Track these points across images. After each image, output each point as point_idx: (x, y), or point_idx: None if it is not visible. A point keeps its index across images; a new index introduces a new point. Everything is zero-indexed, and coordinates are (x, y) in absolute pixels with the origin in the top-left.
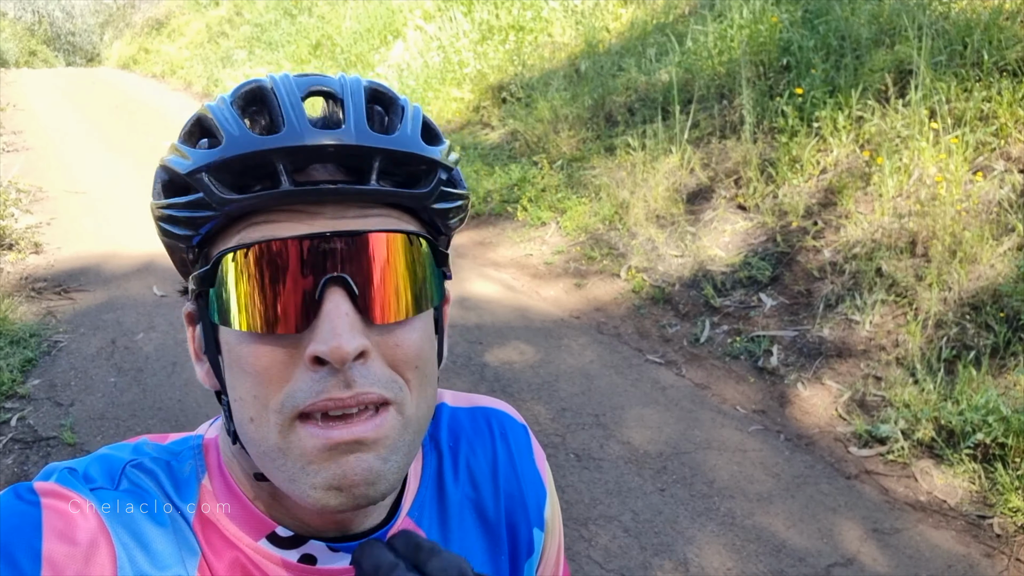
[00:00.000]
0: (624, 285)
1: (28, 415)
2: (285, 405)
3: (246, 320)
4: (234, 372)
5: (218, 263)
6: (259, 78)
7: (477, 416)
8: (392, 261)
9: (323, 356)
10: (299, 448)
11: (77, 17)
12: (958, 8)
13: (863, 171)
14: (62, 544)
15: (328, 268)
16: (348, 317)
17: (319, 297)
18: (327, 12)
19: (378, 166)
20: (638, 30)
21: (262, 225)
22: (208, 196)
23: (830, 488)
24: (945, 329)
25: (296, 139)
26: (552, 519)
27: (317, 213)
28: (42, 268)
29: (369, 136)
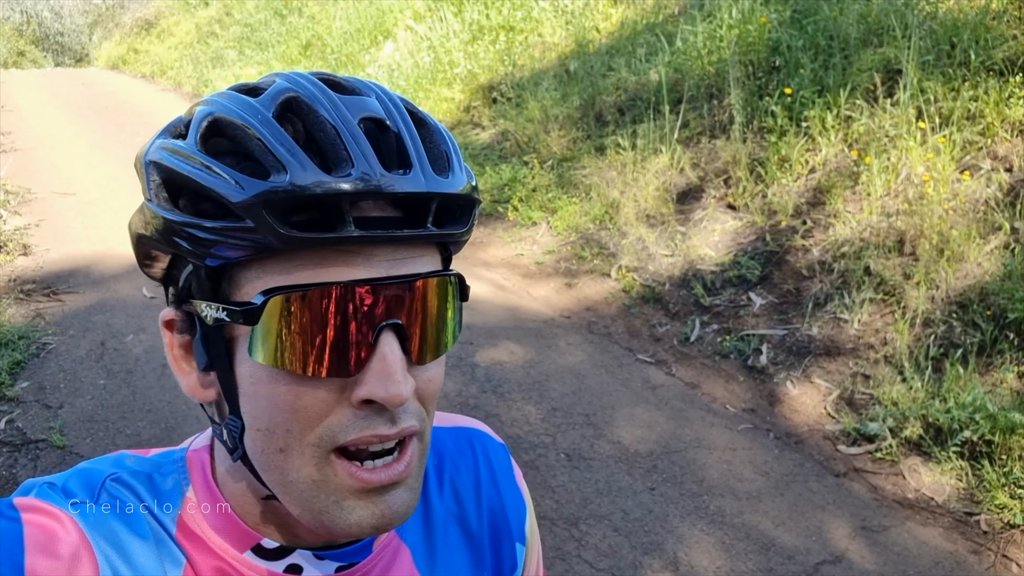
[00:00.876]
0: (614, 285)
1: (17, 418)
2: (323, 439)
3: (298, 363)
4: (262, 404)
5: (267, 300)
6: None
7: (459, 436)
8: (436, 305)
9: (380, 400)
10: (335, 484)
11: (66, 17)
12: (945, 8)
13: (851, 170)
14: (45, 558)
15: (385, 313)
16: (401, 362)
17: (374, 341)
18: (317, 12)
19: (435, 209)
20: (628, 30)
21: (315, 264)
22: (263, 230)
23: (819, 486)
24: (933, 327)
25: (372, 184)
26: (532, 534)
27: (371, 255)
28: (31, 270)
29: (433, 180)
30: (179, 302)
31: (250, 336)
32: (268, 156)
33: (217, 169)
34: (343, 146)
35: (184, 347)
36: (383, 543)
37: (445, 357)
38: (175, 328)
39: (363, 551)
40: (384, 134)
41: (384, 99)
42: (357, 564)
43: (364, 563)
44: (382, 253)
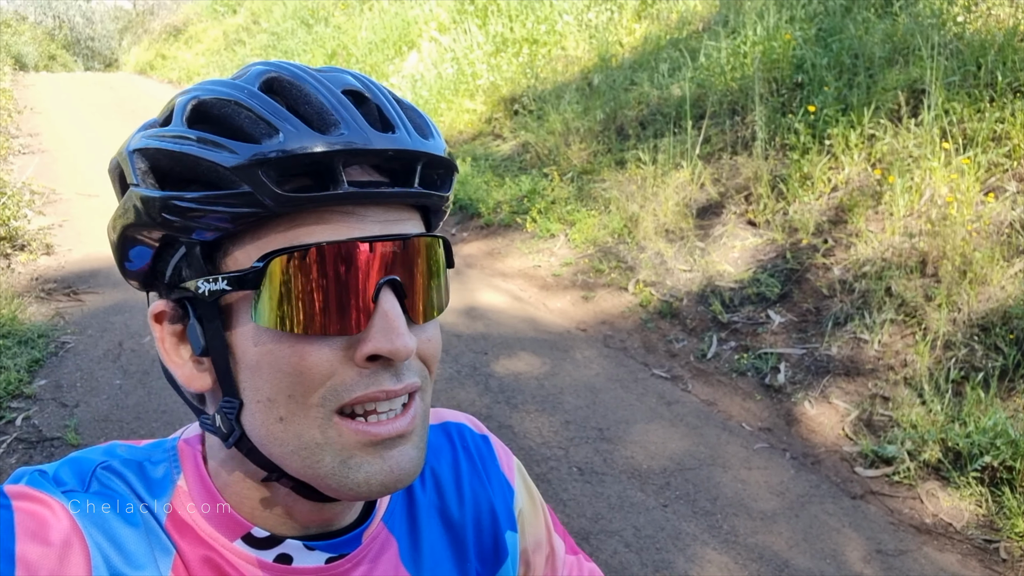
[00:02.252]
0: (632, 299)
1: (33, 415)
2: (328, 399)
3: (301, 322)
4: (264, 373)
5: (268, 263)
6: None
7: (438, 431)
8: (430, 264)
9: (386, 354)
10: (340, 443)
11: (97, 23)
12: (972, 29)
13: (874, 190)
14: (35, 545)
15: (384, 270)
16: (402, 317)
17: (375, 299)
18: (343, 22)
19: (421, 170)
20: (651, 45)
21: (313, 226)
22: (260, 193)
23: (835, 508)
24: (954, 350)
25: (363, 141)
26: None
27: (364, 215)
28: (52, 269)
29: (419, 141)
30: (169, 290)
31: (253, 301)
32: (259, 124)
33: (210, 139)
34: (331, 111)
35: (176, 336)
36: (372, 535)
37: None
38: (166, 319)
39: (353, 543)
40: (365, 103)
41: (360, 76)
42: (347, 555)
43: (354, 554)
44: (373, 214)
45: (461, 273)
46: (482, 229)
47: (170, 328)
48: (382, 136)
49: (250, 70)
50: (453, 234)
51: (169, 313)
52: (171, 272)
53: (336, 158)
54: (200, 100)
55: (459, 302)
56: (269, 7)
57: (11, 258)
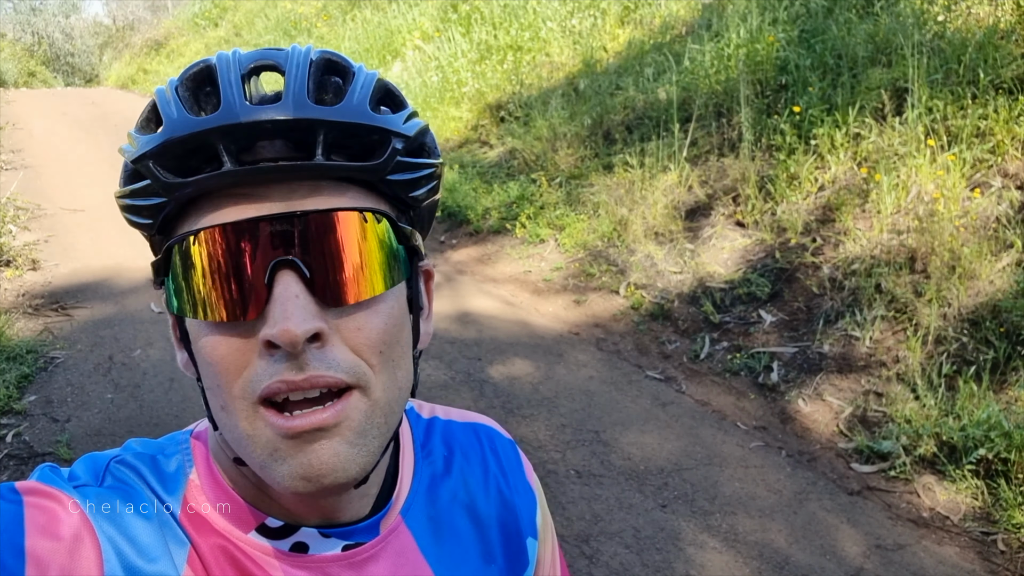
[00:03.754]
0: (623, 301)
1: (24, 431)
2: (246, 391)
3: (200, 310)
4: (200, 361)
5: (168, 252)
6: (208, 57)
7: (468, 430)
8: (344, 241)
9: (273, 340)
10: (264, 436)
11: (76, 38)
12: (953, 27)
13: (861, 188)
14: (45, 539)
15: (276, 251)
16: (299, 299)
17: (269, 282)
18: (326, 33)
19: (323, 140)
20: (635, 49)
21: (210, 211)
22: (154, 182)
23: (832, 504)
24: (945, 345)
25: (231, 117)
26: (544, 526)
27: (265, 195)
28: (39, 285)
29: (308, 108)
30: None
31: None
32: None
33: (131, 134)
34: (219, 94)
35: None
36: (390, 527)
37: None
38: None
39: (370, 532)
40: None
41: (293, 50)
42: (363, 544)
43: (371, 544)
44: (277, 192)
45: (452, 280)
46: (472, 236)
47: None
48: (255, 108)
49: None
50: (442, 241)
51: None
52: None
53: (211, 137)
54: (153, 101)
55: (451, 309)
56: (251, 20)
57: None
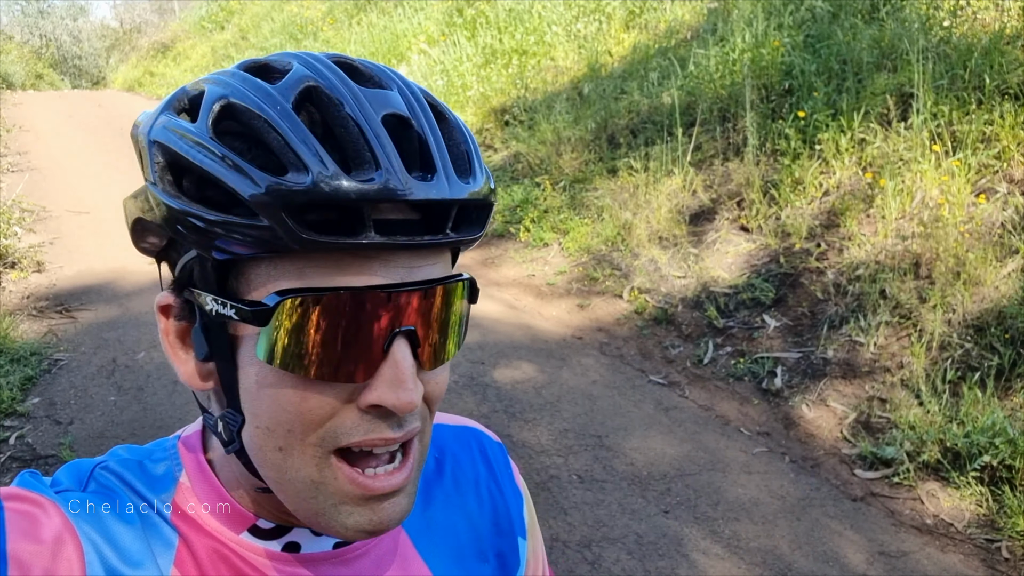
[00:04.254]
0: (627, 306)
1: (27, 433)
2: (326, 440)
3: (308, 367)
4: (265, 403)
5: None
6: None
7: (459, 433)
8: (450, 310)
9: (390, 407)
10: (335, 487)
11: (84, 41)
12: (959, 33)
13: (866, 193)
14: (27, 543)
15: (399, 320)
16: (412, 368)
17: (387, 348)
18: (332, 37)
19: (455, 214)
20: (640, 54)
21: (331, 267)
22: (279, 229)
23: (836, 510)
24: (949, 351)
25: (397, 189)
26: (531, 525)
27: (389, 260)
28: (44, 287)
29: (457, 187)
30: (179, 288)
31: (259, 337)
32: (288, 152)
33: (232, 160)
34: (367, 146)
35: (181, 334)
36: None
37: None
38: (172, 314)
39: None
40: (407, 132)
41: (407, 92)
42: (355, 542)
43: (362, 542)
44: (400, 259)
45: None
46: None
47: (175, 324)
48: (418, 184)
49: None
50: None
51: (175, 309)
52: (180, 269)
53: (364, 204)
54: (230, 103)
55: None
56: (257, 23)
57: (2, 276)
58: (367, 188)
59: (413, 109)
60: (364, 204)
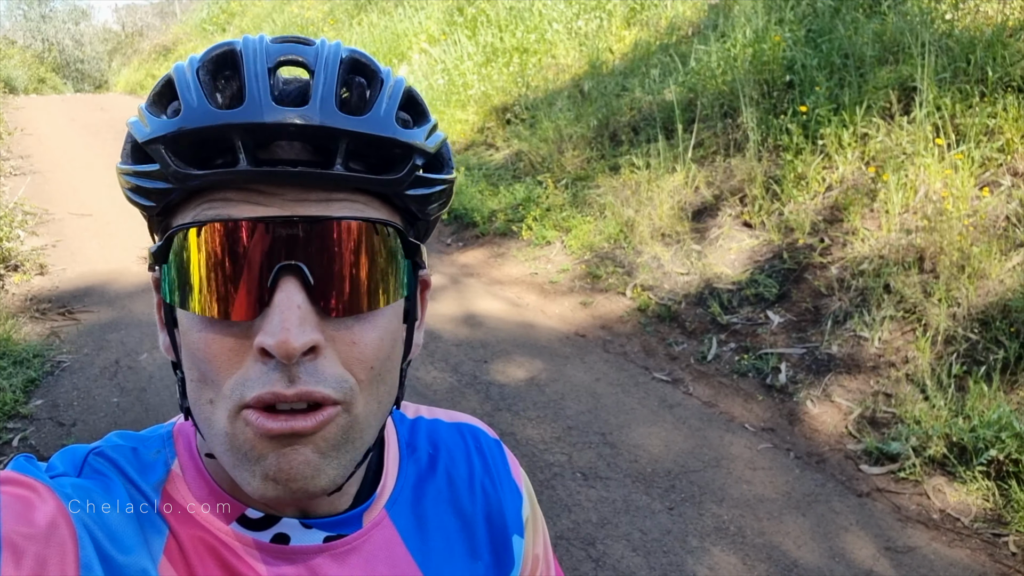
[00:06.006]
0: (630, 303)
1: (30, 435)
2: (234, 393)
3: (196, 303)
4: (188, 353)
5: (171, 239)
6: (233, 40)
7: (454, 429)
8: (354, 251)
9: (269, 349)
10: (242, 436)
11: (86, 44)
12: (961, 26)
13: (869, 187)
14: (20, 525)
15: (283, 255)
16: (300, 310)
17: (271, 285)
18: (332, 36)
19: (345, 148)
20: (641, 51)
21: (219, 203)
22: (163, 168)
23: (841, 506)
24: (955, 345)
25: (256, 115)
26: (532, 523)
27: (276, 194)
28: (47, 289)
29: (335, 116)
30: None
31: (163, 277)
32: (173, 99)
33: (141, 114)
34: (244, 87)
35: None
36: (373, 520)
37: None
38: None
39: (352, 524)
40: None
41: (323, 48)
42: (345, 536)
43: (353, 536)
44: (290, 193)
45: (459, 282)
46: (478, 238)
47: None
48: (281, 110)
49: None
50: (448, 244)
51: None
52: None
53: (231, 133)
54: (168, 77)
55: (458, 311)
56: (258, 24)
57: (4, 279)
58: (229, 118)
59: (318, 57)
60: (231, 132)
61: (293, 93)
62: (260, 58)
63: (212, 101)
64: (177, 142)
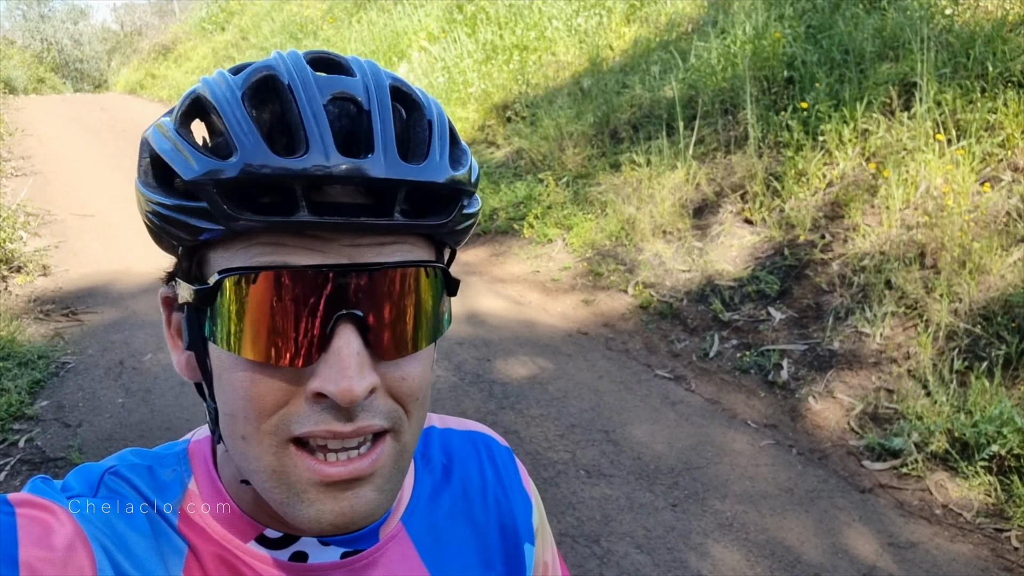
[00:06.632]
0: (632, 300)
1: (36, 436)
2: (279, 429)
3: (249, 348)
4: (225, 388)
5: (220, 282)
6: (270, 61)
7: (466, 439)
8: (407, 296)
9: (332, 396)
10: (295, 476)
11: (85, 44)
12: (961, 21)
13: (870, 184)
14: (39, 550)
15: (341, 303)
16: (359, 356)
17: (329, 332)
18: (332, 35)
19: (402, 197)
20: (641, 48)
21: (272, 247)
22: (214, 210)
23: (844, 502)
24: (956, 340)
25: (321, 166)
26: (541, 531)
27: (332, 239)
28: (50, 290)
29: (399, 167)
30: (170, 279)
31: (208, 317)
32: (228, 136)
33: (180, 145)
34: (301, 127)
35: (176, 325)
36: (390, 534)
37: (431, 353)
38: (169, 305)
39: (369, 538)
40: (358, 115)
41: (369, 78)
42: (363, 551)
43: (370, 551)
44: (344, 240)
45: (461, 280)
46: (480, 236)
47: (174, 316)
48: (347, 160)
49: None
50: None
51: (171, 300)
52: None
53: (295, 181)
54: (198, 96)
55: (460, 309)
56: (257, 23)
57: (8, 280)
58: (293, 166)
59: (369, 92)
60: (293, 181)
61: (353, 137)
62: (312, 92)
63: (268, 142)
64: (232, 186)
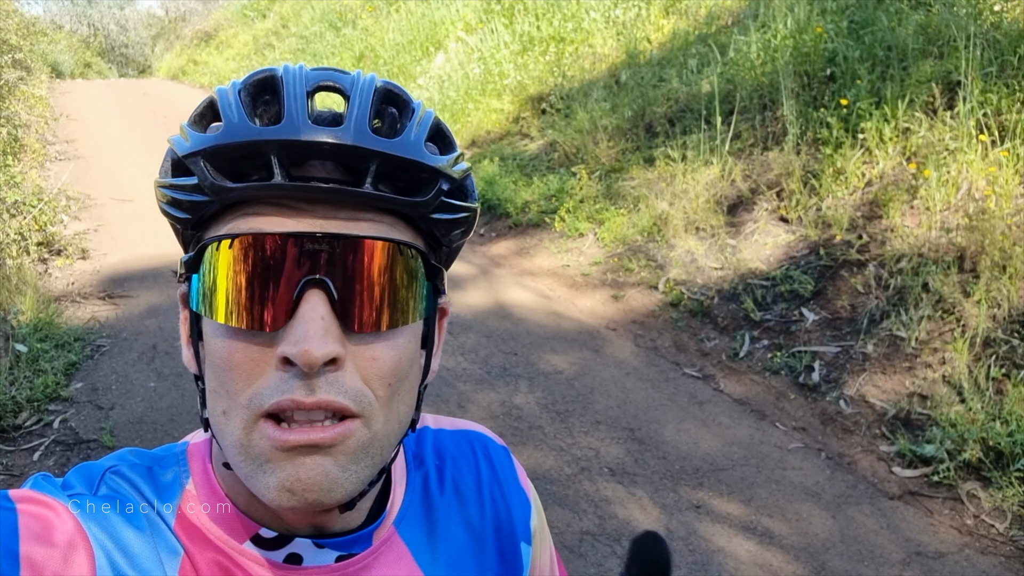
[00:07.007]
0: (662, 297)
1: (70, 418)
2: (252, 402)
3: (223, 312)
4: (209, 363)
5: (203, 250)
6: (274, 67)
7: (460, 438)
8: (377, 269)
9: (291, 358)
10: (258, 447)
11: (131, 30)
12: (1010, 18)
13: (909, 184)
14: (40, 546)
15: (310, 269)
16: (323, 321)
17: (297, 298)
18: (371, 25)
19: (375, 169)
20: (680, 40)
21: (251, 217)
22: (201, 180)
23: (872, 509)
24: (994, 347)
25: (292, 133)
26: (538, 533)
27: (307, 211)
28: (88, 273)
29: (367, 137)
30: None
31: (193, 287)
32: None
33: (185, 130)
34: (282, 107)
35: (186, 319)
36: (383, 537)
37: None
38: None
39: (363, 542)
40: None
41: (360, 77)
42: (356, 555)
43: (364, 555)
44: (320, 211)
45: (489, 273)
46: (510, 229)
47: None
48: (317, 129)
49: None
50: (481, 234)
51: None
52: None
53: (267, 149)
54: (211, 98)
55: (488, 302)
56: (298, 11)
57: (48, 263)
58: (268, 135)
59: (354, 84)
60: (268, 148)
61: (328, 116)
62: (299, 82)
63: (252, 119)
64: (216, 156)
